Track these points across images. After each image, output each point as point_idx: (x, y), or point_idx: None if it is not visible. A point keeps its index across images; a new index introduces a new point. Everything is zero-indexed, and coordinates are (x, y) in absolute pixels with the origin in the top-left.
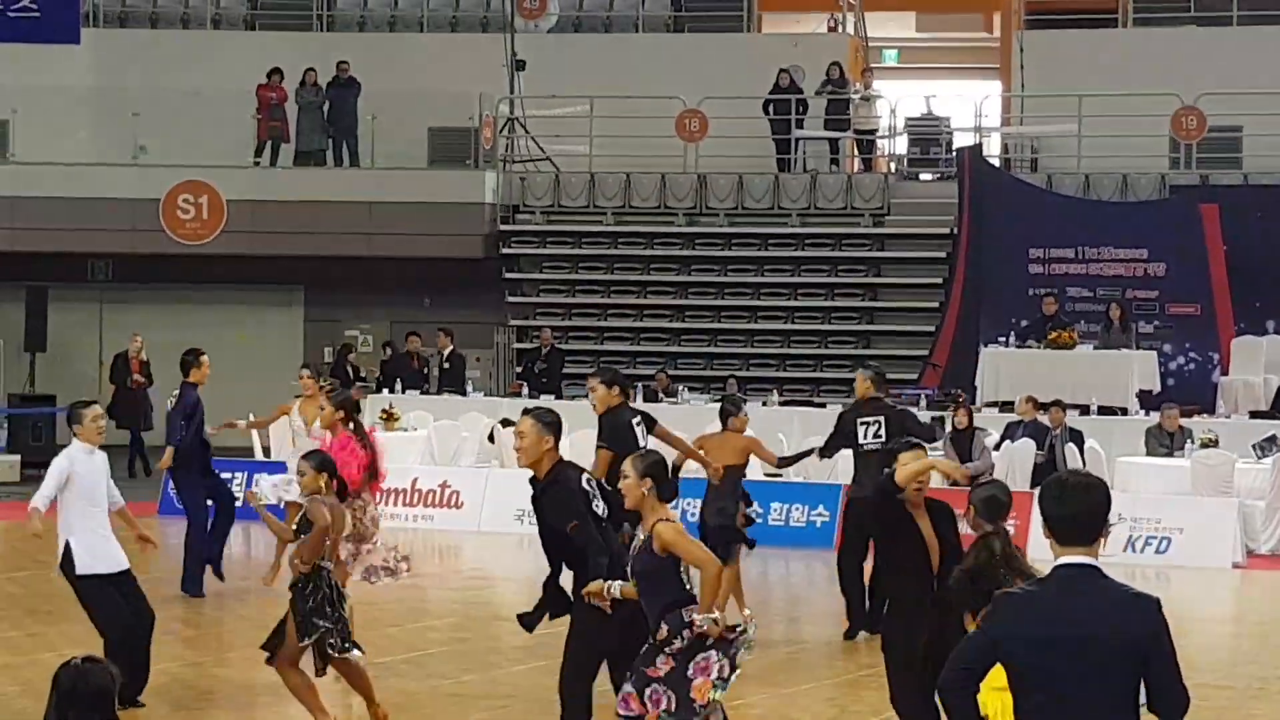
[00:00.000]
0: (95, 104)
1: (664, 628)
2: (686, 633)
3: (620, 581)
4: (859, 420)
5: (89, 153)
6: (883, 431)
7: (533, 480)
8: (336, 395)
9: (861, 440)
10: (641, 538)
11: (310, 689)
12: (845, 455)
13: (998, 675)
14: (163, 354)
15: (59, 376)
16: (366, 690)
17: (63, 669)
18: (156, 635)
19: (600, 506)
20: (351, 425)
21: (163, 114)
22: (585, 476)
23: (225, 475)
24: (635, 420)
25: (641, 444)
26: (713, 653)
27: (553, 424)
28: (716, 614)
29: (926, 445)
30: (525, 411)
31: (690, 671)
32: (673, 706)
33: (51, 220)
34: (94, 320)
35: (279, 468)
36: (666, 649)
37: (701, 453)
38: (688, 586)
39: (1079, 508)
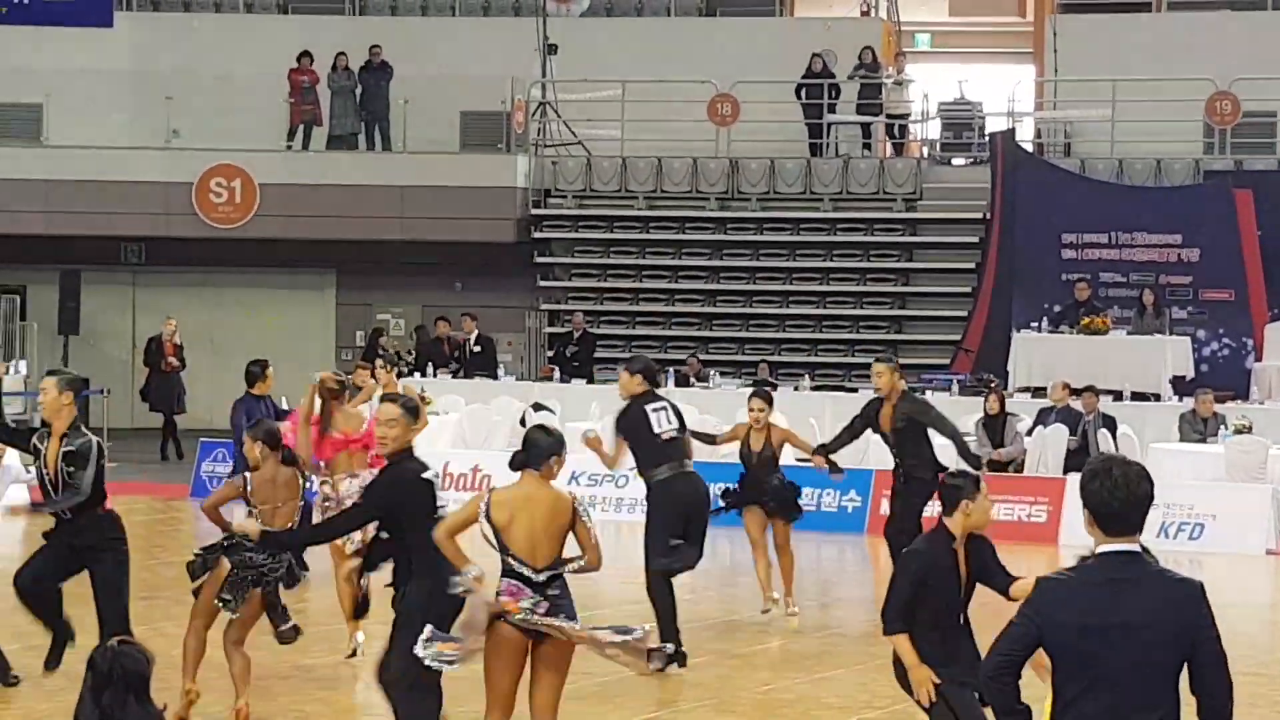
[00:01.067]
0: (128, 88)
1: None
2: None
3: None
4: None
5: (122, 136)
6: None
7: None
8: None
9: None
10: None
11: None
12: (875, 440)
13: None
14: (196, 337)
15: (92, 360)
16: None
17: (98, 652)
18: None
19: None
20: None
21: (196, 97)
22: (431, 472)
23: None
24: (654, 407)
25: (657, 430)
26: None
27: (414, 410)
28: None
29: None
30: (387, 398)
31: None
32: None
33: (85, 204)
34: (127, 304)
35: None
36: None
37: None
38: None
39: (1128, 497)
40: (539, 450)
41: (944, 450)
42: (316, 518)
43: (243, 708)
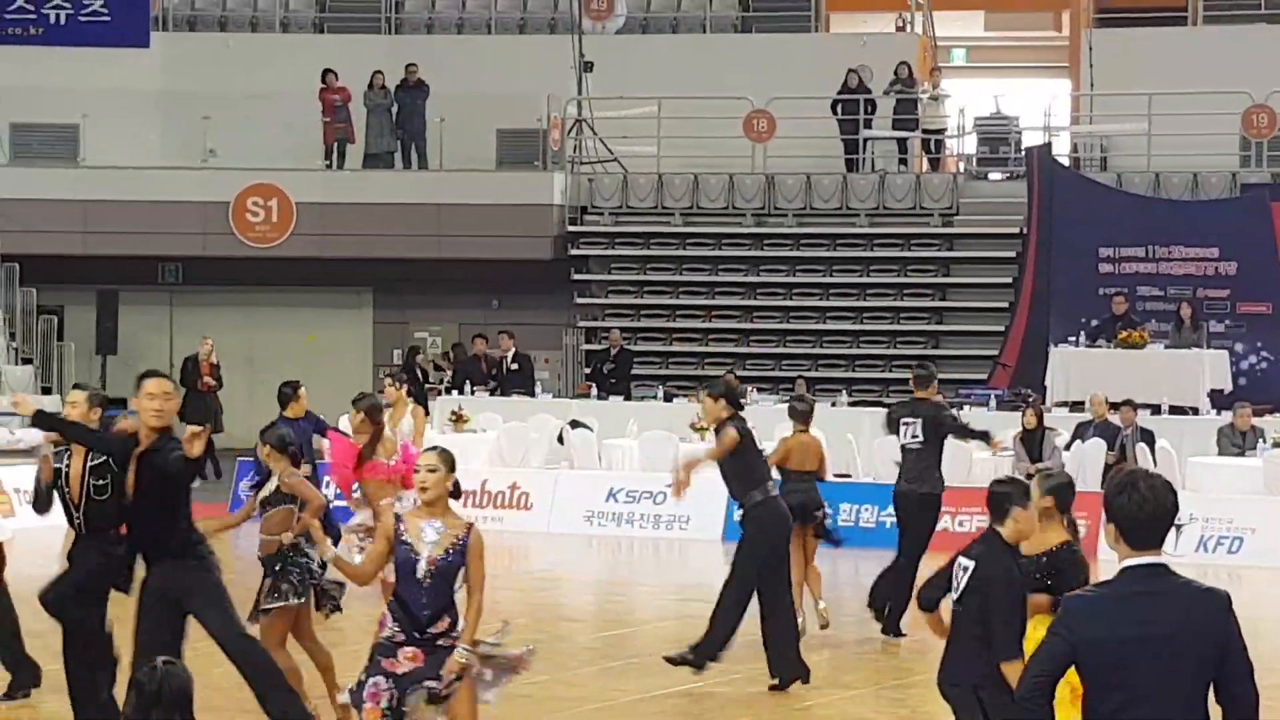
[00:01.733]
0: (165, 107)
1: (445, 620)
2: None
3: None
4: (900, 419)
5: (159, 156)
6: (919, 431)
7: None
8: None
9: (902, 438)
10: (442, 530)
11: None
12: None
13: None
14: (233, 357)
15: (130, 379)
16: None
17: (143, 671)
18: None
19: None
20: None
21: (232, 117)
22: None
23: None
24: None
25: (759, 447)
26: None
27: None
28: (469, 654)
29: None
30: (149, 372)
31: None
32: (391, 704)
33: (122, 224)
34: (164, 323)
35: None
36: (437, 643)
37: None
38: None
39: (1155, 510)
40: None
41: None
42: (349, 544)
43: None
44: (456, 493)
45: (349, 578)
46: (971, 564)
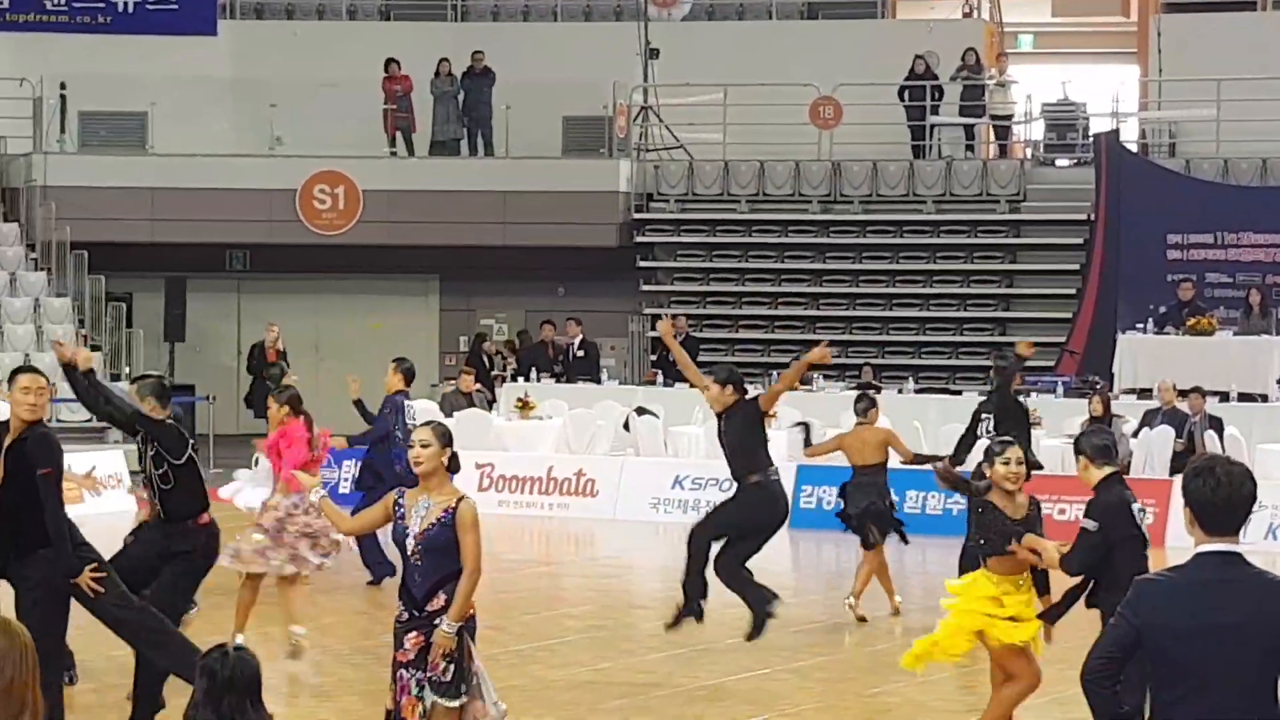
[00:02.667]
0: (232, 95)
1: (440, 597)
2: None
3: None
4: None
5: (226, 144)
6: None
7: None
8: (283, 394)
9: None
10: (430, 505)
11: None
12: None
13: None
14: (300, 344)
15: (197, 366)
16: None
17: (213, 658)
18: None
19: None
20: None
21: (299, 104)
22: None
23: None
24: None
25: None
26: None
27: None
28: (455, 628)
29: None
30: (23, 368)
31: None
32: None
33: (189, 211)
34: (232, 310)
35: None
36: (434, 621)
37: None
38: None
39: (1230, 497)
40: None
41: None
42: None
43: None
44: (454, 467)
45: (334, 522)
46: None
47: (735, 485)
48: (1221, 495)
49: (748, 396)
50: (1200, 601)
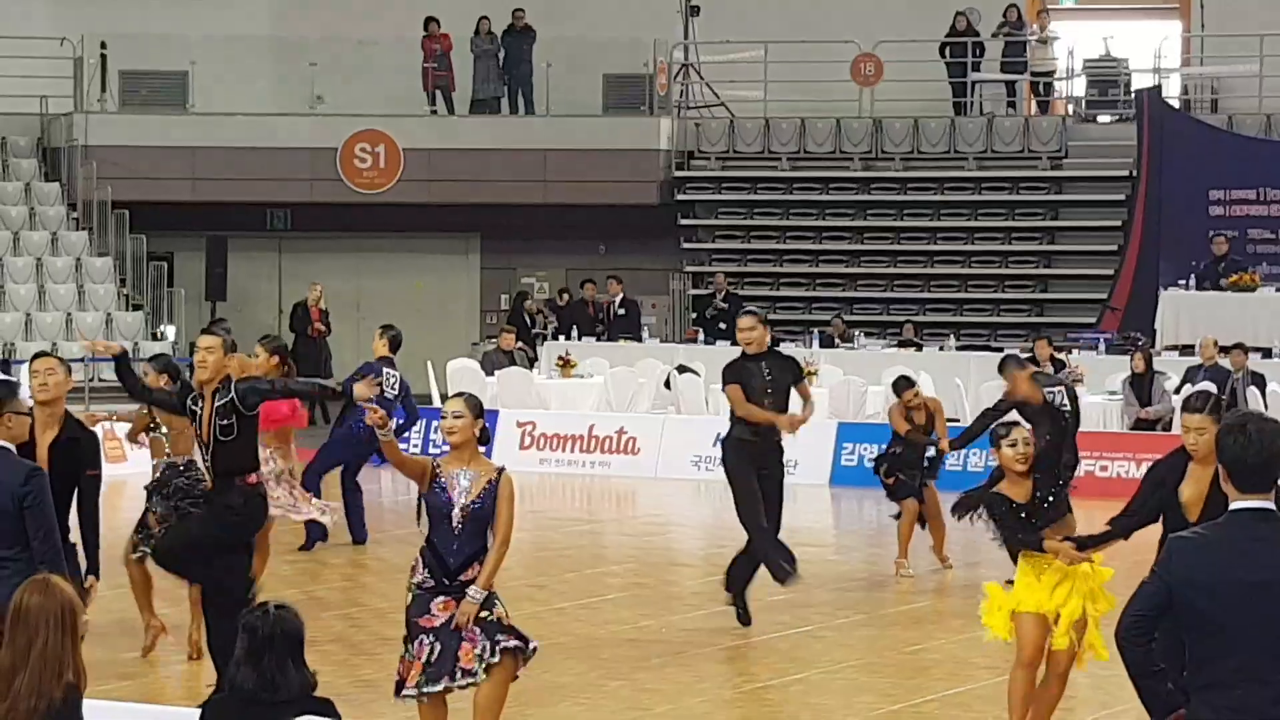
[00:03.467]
0: (272, 54)
1: (475, 567)
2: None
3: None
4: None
5: (267, 103)
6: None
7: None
8: (271, 342)
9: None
10: (475, 477)
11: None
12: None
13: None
14: (341, 303)
15: (239, 325)
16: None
17: (255, 616)
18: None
19: None
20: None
21: (340, 63)
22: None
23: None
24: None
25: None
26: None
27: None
28: (482, 595)
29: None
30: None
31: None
32: (433, 657)
33: (231, 170)
34: (273, 269)
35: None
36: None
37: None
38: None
39: (1261, 454)
40: None
41: None
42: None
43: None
44: (484, 438)
45: (397, 465)
46: None
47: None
48: (1253, 452)
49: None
50: (1232, 559)
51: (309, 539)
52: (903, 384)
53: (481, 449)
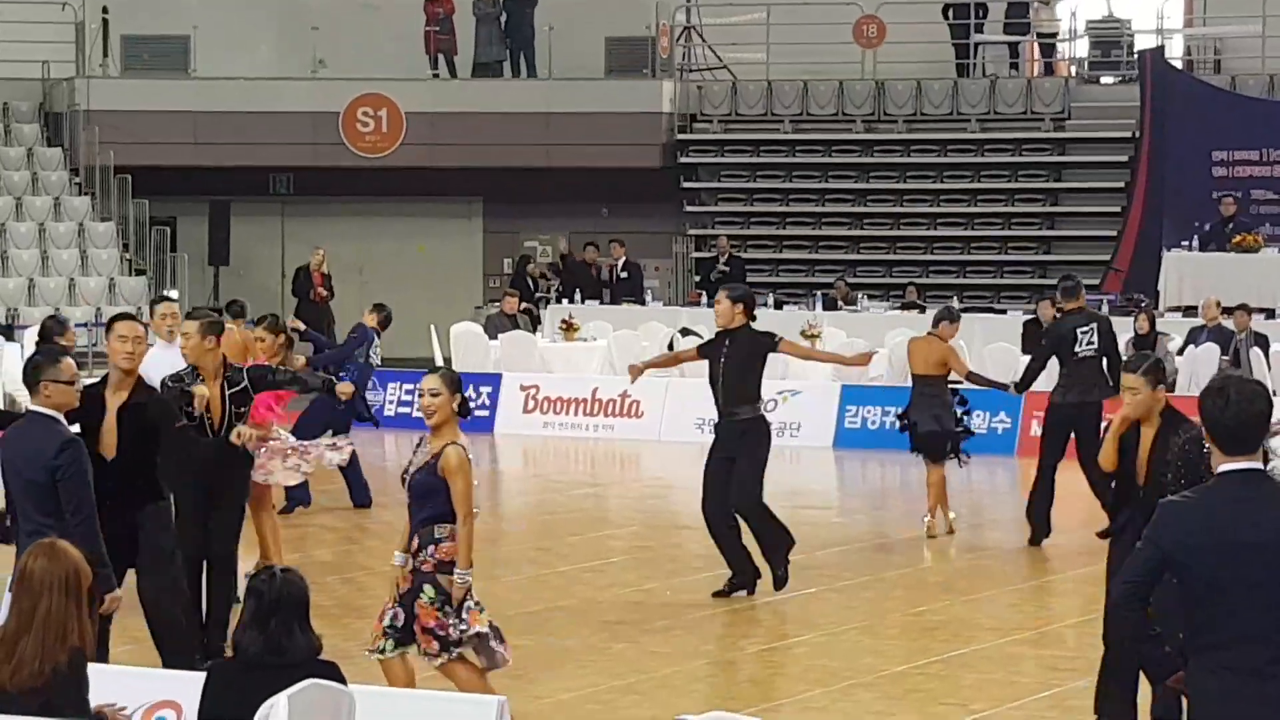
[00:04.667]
0: (275, 18)
1: (415, 539)
2: (432, 549)
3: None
4: (1076, 329)
5: (269, 67)
6: (1095, 339)
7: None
8: (272, 323)
9: (1077, 349)
10: (426, 449)
11: None
12: (1024, 362)
13: None
14: (344, 267)
15: (242, 290)
16: None
17: (260, 580)
18: None
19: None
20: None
21: (341, 27)
22: None
23: (409, 388)
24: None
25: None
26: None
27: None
28: (468, 576)
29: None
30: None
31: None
32: (398, 622)
33: (233, 134)
34: (276, 233)
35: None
36: (412, 563)
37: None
38: None
39: (1239, 416)
40: None
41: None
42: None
43: None
44: (464, 411)
45: None
46: None
47: (723, 419)
48: (1230, 415)
49: (758, 327)
50: (1223, 521)
51: (289, 503)
52: (944, 314)
53: (462, 421)
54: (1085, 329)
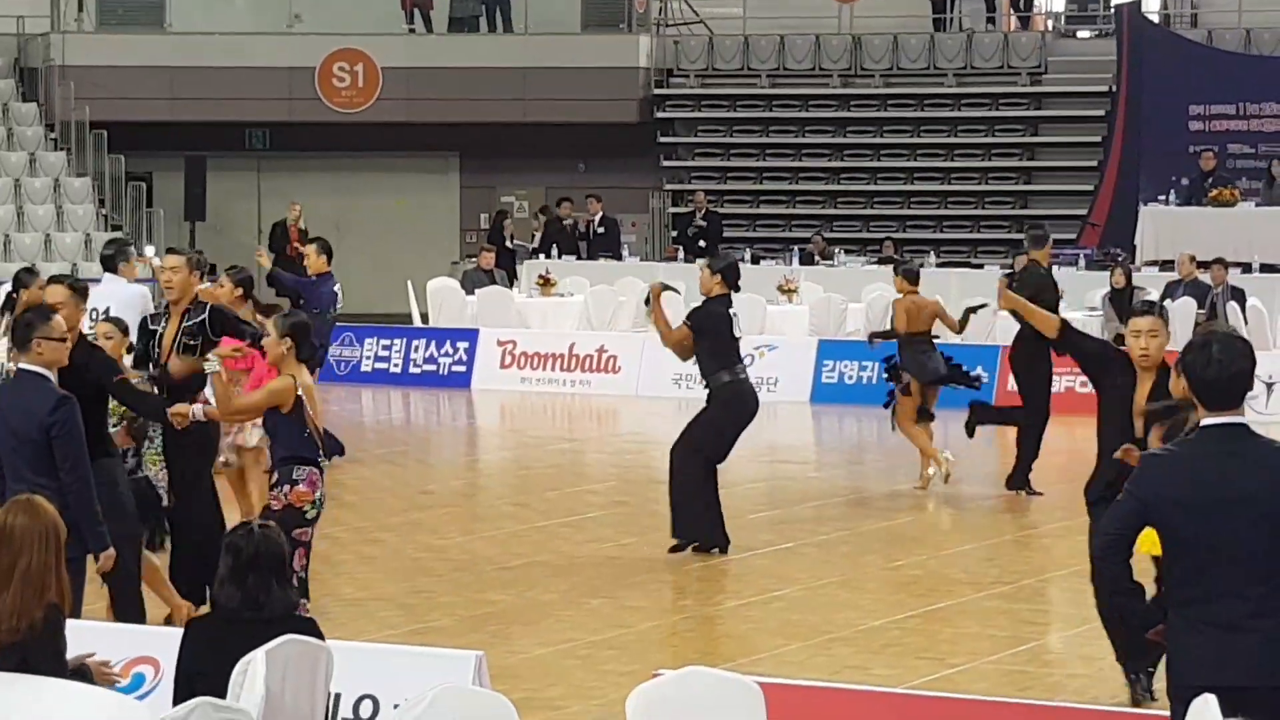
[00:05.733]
0: None
1: (275, 475)
2: (287, 488)
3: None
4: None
5: (245, 22)
6: None
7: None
8: (236, 273)
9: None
10: None
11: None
12: (1003, 316)
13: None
14: (320, 222)
15: (218, 245)
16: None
17: (238, 536)
18: None
19: None
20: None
21: None
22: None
23: (385, 343)
24: (733, 311)
25: (737, 334)
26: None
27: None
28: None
29: None
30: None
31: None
32: None
33: (209, 90)
34: (252, 189)
35: (437, 334)
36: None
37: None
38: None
39: (1221, 372)
40: None
41: None
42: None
43: None
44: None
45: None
46: None
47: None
48: (1212, 371)
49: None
50: (1206, 475)
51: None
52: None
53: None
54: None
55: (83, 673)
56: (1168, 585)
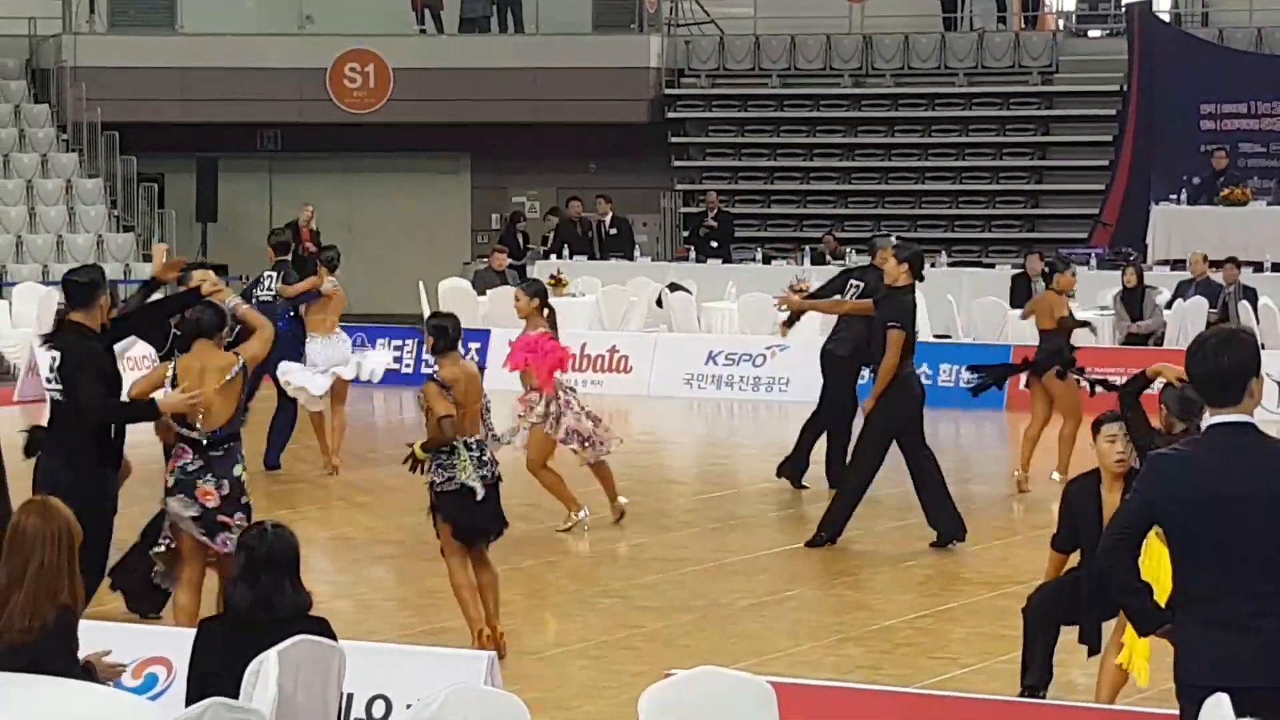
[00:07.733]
0: None
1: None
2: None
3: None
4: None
5: (256, 23)
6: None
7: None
8: (531, 285)
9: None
10: None
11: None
12: (1014, 315)
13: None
14: (332, 223)
15: (230, 246)
16: None
17: (253, 535)
18: None
19: None
20: (546, 313)
21: None
22: None
23: (397, 344)
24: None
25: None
26: None
27: None
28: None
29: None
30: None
31: None
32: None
33: (221, 91)
34: (263, 190)
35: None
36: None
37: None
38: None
39: (1215, 369)
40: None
41: None
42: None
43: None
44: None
45: None
46: None
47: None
48: (1206, 368)
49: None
50: (1212, 473)
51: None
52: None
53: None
54: (857, 282)
55: (86, 670)
56: (1175, 583)
